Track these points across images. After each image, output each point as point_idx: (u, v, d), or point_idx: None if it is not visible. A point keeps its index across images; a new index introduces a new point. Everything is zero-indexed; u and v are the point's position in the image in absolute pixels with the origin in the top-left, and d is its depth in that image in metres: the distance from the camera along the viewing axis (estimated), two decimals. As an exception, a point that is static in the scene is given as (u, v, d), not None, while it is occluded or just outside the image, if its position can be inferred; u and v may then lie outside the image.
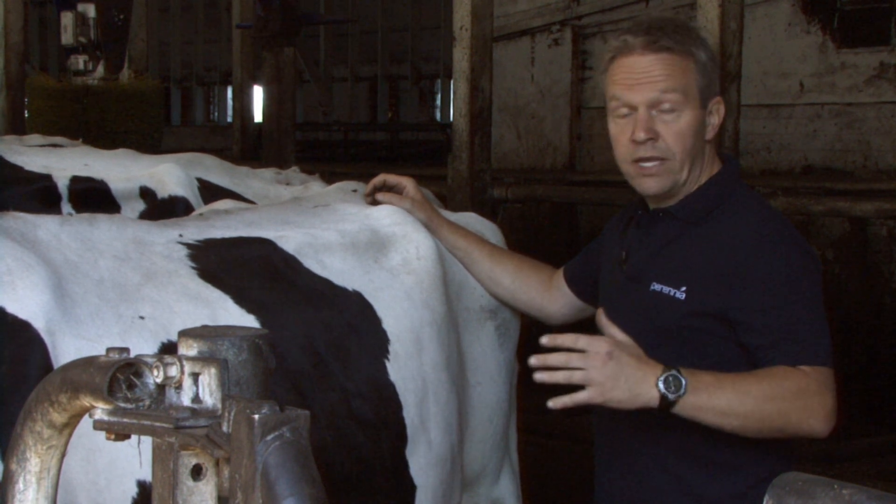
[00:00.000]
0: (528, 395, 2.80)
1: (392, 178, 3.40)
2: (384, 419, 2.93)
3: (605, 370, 2.62)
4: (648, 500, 2.96)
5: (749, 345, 2.79)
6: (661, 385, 2.62)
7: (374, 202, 3.36)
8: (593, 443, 3.14)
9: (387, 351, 2.98)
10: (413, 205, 3.33)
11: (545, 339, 2.67)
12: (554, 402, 2.66)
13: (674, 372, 2.63)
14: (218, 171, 4.70)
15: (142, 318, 2.54)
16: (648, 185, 2.92)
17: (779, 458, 2.83)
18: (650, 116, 2.87)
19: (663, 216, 2.98)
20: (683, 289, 2.86)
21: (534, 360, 2.66)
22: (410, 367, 3.02)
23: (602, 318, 2.76)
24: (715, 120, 2.95)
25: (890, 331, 8.75)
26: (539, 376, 2.69)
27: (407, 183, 3.38)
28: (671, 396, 2.62)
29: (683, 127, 2.88)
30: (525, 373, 3.67)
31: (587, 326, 3.38)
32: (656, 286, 2.90)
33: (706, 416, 2.67)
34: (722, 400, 2.66)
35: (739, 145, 6.26)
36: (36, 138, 6.29)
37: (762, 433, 2.73)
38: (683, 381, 2.62)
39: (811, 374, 2.72)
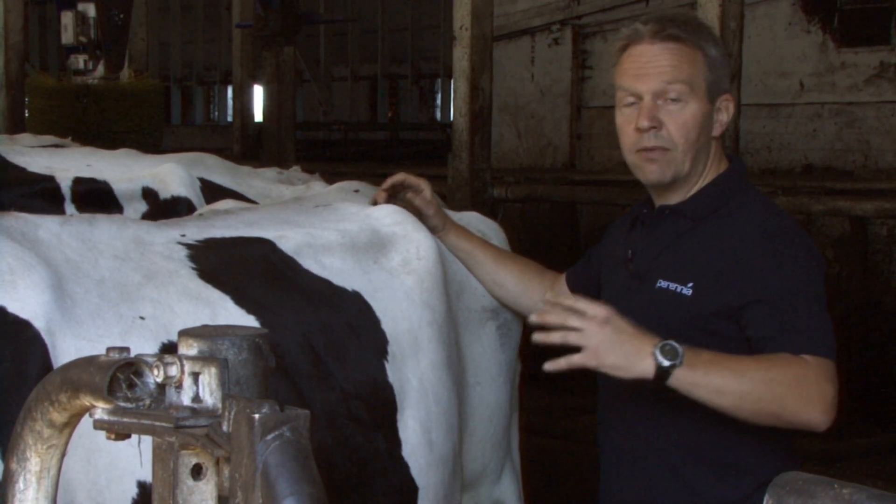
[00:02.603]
0: (531, 395, 2.81)
1: (411, 179, 3.41)
2: (383, 420, 2.93)
3: (601, 334, 2.64)
4: (654, 502, 2.96)
5: (752, 337, 2.78)
6: (657, 353, 2.62)
7: (390, 201, 3.36)
8: (597, 444, 3.13)
9: (386, 351, 2.98)
10: (428, 208, 3.34)
11: (546, 296, 2.74)
12: (549, 365, 2.70)
13: (671, 342, 2.63)
14: (220, 171, 4.70)
15: (142, 318, 2.54)
16: (650, 170, 2.91)
17: (784, 461, 2.82)
18: (655, 105, 2.88)
19: (669, 214, 2.98)
20: (690, 285, 2.85)
21: (533, 317, 2.74)
22: (410, 367, 3.02)
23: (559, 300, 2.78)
24: (723, 117, 2.94)
25: (889, 330, 8.74)
26: (536, 337, 2.75)
27: (424, 186, 3.39)
28: (666, 364, 2.62)
29: (688, 118, 2.88)
30: (527, 373, 3.68)
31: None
32: (662, 283, 2.90)
33: (701, 393, 2.66)
34: (718, 378, 2.66)
35: (740, 144, 6.26)
36: (27, 138, 6.28)
37: (757, 417, 2.70)
38: (679, 351, 2.63)
39: (812, 364, 2.70)
